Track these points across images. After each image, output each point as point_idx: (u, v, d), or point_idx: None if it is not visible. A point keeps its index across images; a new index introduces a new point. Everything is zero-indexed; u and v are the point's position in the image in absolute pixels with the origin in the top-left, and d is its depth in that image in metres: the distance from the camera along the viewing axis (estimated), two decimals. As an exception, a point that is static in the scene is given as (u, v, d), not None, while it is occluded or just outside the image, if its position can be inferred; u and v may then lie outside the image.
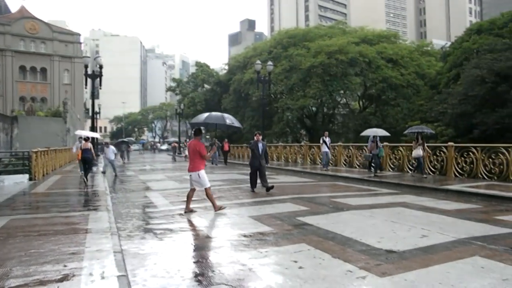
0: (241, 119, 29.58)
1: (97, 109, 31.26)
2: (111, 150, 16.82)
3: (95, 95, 22.58)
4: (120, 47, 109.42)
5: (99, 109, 45.71)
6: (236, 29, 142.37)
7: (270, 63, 23.41)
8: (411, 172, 14.03)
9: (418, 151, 12.92)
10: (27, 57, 48.85)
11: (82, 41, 58.24)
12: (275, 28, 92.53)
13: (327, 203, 8.52)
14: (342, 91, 30.50)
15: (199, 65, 48.88)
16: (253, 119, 32.88)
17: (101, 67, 21.21)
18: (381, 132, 14.58)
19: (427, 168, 13.69)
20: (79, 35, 55.00)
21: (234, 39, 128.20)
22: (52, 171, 17.30)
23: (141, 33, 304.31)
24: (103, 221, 6.17)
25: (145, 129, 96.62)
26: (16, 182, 12.50)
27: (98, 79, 21.19)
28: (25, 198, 9.54)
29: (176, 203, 8.64)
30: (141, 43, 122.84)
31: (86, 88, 44.72)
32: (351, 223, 6.43)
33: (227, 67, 43.80)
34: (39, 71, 49.98)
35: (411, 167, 14.45)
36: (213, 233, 6.11)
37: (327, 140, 17.26)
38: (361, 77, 28.84)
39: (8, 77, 47.16)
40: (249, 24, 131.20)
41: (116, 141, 39.25)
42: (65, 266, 3.88)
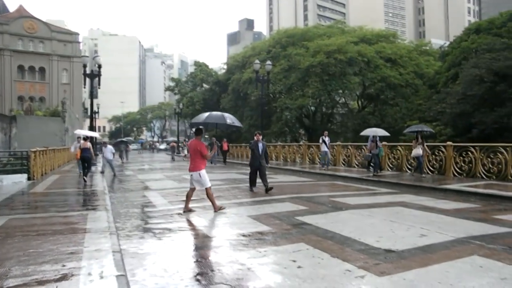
0: (239, 118, 29.40)
1: (95, 109, 31.29)
2: (109, 149, 16.76)
3: (93, 95, 22.55)
4: (118, 47, 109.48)
5: (98, 108, 45.67)
6: (234, 28, 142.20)
7: (268, 62, 23.39)
8: (410, 171, 14.05)
9: (417, 150, 12.93)
10: (25, 57, 48.68)
11: (80, 40, 58.05)
12: (274, 27, 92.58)
13: (326, 203, 8.52)
14: (340, 91, 30.54)
15: (197, 64, 48.84)
16: (251, 118, 32.86)
17: (99, 67, 21.17)
18: (381, 132, 14.56)
19: (426, 167, 13.70)
20: (78, 34, 54.82)
21: (232, 39, 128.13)
22: (50, 170, 17.27)
23: (139, 32, 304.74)
24: (101, 220, 6.16)
25: (144, 128, 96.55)
26: (14, 181, 12.48)
27: (96, 79, 21.15)
28: (24, 197, 9.52)
29: (175, 203, 8.64)
30: (139, 42, 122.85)
31: (84, 87, 44.82)
32: (350, 222, 6.43)
33: (225, 67, 43.74)
34: (38, 71, 49.81)
35: (410, 167, 14.47)
36: (212, 232, 6.11)
37: (327, 139, 17.26)
38: (359, 77, 28.85)
39: (6, 77, 47.02)
40: (248, 23, 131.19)
41: (115, 140, 39.21)
42: (64, 265, 3.87)
